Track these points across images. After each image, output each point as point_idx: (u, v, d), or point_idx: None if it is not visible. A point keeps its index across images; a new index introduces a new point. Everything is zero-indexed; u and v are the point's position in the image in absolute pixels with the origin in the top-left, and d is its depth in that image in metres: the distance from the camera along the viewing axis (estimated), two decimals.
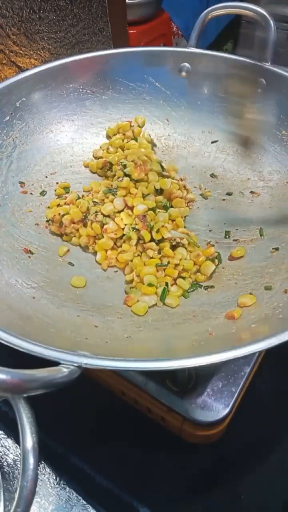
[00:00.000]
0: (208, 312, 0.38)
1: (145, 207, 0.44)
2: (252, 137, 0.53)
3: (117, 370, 0.37)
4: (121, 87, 0.57)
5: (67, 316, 0.37)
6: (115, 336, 0.35)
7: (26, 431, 0.20)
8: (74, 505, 0.39)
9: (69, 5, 0.59)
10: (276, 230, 0.45)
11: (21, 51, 0.64)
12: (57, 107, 0.54)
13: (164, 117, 0.58)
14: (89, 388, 0.44)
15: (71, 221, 0.45)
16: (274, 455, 0.43)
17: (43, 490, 0.40)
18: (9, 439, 0.43)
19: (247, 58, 0.52)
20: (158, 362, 0.25)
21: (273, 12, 0.52)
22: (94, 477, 0.41)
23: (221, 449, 0.43)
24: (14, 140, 0.49)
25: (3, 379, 0.20)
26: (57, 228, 0.46)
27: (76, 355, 0.25)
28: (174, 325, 0.37)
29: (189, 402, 0.38)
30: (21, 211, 0.47)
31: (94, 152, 0.55)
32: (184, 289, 0.40)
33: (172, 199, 0.46)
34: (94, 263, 0.45)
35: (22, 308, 0.36)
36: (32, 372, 0.21)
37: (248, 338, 0.33)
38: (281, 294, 0.37)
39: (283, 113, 0.50)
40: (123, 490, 0.40)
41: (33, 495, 0.20)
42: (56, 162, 0.53)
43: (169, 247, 0.42)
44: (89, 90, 0.55)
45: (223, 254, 0.44)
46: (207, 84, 0.56)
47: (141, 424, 0.43)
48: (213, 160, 0.55)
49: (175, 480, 0.41)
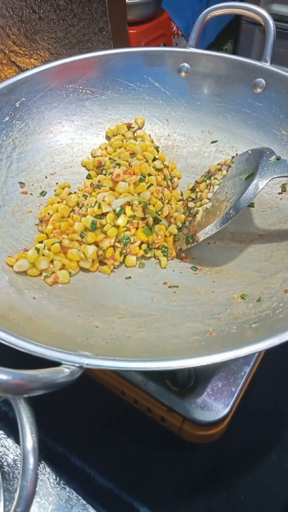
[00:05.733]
0: (209, 312, 0.38)
1: (121, 201, 0.44)
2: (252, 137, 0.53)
3: (118, 370, 0.38)
4: (121, 87, 0.57)
5: (68, 317, 0.37)
6: (115, 336, 0.35)
7: (26, 431, 0.20)
8: (74, 505, 0.39)
9: (69, 5, 0.59)
10: (276, 229, 0.46)
11: (21, 51, 0.64)
12: (56, 107, 0.54)
13: (163, 117, 0.58)
14: (89, 388, 0.44)
15: (56, 218, 0.44)
16: (274, 455, 0.43)
17: (43, 490, 0.40)
18: (9, 439, 0.43)
19: (247, 58, 0.53)
20: (158, 362, 0.25)
21: (273, 12, 0.52)
22: (94, 477, 0.41)
23: (221, 449, 0.43)
24: (13, 140, 0.49)
25: (5, 379, 0.20)
26: (45, 227, 0.45)
27: (77, 356, 0.25)
28: (174, 325, 0.37)
29: (189, 402, 0.39)
30: (21, 212, 0.47)
31: (93, 152, 0.55)
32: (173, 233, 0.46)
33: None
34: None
35: (23, 308, 0.36)
36: (34, 373, 0.21)
37: (249, 338, 0.33)
38: (281, 294, 0.37)
39: (283, 113, 0.50)
40: (123, 490, 0.40)
41: (33, 495, 0.20)
42: (56, 163, 0.53)
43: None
44: (88, 90, 0.55)
45: (223, 254, 0.44)
46: (206, 84, 0.56)
47: (141, 424, 0.43)
48: (213, 160, 0.55)
49: (175, 480, 0.41)
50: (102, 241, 0.43)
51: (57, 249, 0.42)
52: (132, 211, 0.44)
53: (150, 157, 0.49)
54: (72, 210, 0.46)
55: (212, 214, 0.44)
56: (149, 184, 0.46)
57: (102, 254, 0.43)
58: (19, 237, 0.44)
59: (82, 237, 0.43)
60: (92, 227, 0.42)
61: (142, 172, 0.46)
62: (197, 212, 0.46)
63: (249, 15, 0.53)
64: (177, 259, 0.45)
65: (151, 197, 0.46)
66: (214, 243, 0.46)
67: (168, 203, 0.48)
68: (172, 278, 0.43)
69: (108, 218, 0.43)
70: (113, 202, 0.43)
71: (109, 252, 0.43)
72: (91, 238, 0.42)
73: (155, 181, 0.47)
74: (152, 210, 0.45)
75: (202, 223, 0.44)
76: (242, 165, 0.46)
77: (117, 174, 0.45)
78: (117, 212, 0.43)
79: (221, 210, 0.42)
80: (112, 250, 0.43)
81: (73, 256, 0.42)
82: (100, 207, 0.43)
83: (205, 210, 0.46)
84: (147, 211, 0.45)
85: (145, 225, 0.45)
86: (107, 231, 0.43)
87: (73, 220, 0.44)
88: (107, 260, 0.43)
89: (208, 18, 0.55)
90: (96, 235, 0.43)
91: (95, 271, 0.43)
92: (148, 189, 0.45)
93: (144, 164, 0.47)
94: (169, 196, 0.49)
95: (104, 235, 0.43)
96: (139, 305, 0.40)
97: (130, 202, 0.44)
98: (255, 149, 0.46)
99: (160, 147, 0.57)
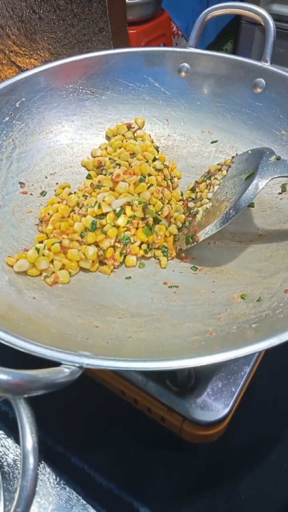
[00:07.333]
0: (209, 312, 0.38)
1: (121, 201, 0.44)
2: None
3: (118, 370, 0.38)
4: (121, 88, 0.57)
5: (68, 317, 0.37)
6: (115, 336, 0.35)
7: (26, 431, 0.20)
8: (74, 505, 0.39)
9: (69, 5, 0.59)
10: (276, 229, 0.46)
11: (21, 51, 0.64)
12: (56, 107, 0.54)
13: (163, 117, 0.58)
14: (89, 388, 0.44)
15: (56, 218, 0.44)
16: (273, 455, 0.43)
17: (43, 490, 0.40)
18: (9, 439, 0.43)
19: (246, 58, 0.53)
20: (158, 362, 0.25)
21: (273, 12, 0.52)
22: (94, 477, 0.41)
23: (221, 449, 0.43)
24: (13, 140, 0.49)
25: (5, 379, 0.20)
26: (45, 227, 0.45)
27: (77, 356, 0.25)
28: (174, 325, 0.37)
29: (189, 402, 0.39)
30: (21, 212, 0.47)
31: (93, 152, 0.55)
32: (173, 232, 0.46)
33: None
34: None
35: (23, 308, 0.36)
36: (34, 373, 0.21)
37: (249, 338, 0.33)
38: (281, 294, 0.37)
39: (283, 113, 0.50)
40: (123, 490, 0.40)
41: (33, 495, 0.20)
42: (56, 163, 0.53)
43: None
44: (88, 90, 0.55)
45: (223, 254, 0.44)
46: (206, 84, 0.56)
47: (141, 424, 0.43)
48: (213, 160, 0.55)
49: (175, 480, 0.41)
50: (102, 241, 0.43)
51: (57, 249, 0.42)
52: (132, 211, 0.44)
53: (150, 157, 0.49)
54: (72, 210, 0.46)
55: (212, 214, 0.44)
56: (149, 184, 0.46)
57: (102, 254, 0.43)
58: (19, 237, 0.44)
59: (82, 237, 0.43)
60: (92, 227, 0.42)
61: (142, 172, 0.46)
62: (197, 212, 0.46)
63: (249, 15, 0.53)
64: (177, 259, 0.45)
65: (151, 197, 0.46)
66: (214, 243, 0.46)
67: (168, 203, 0.48)
68: (172, 278, 0.43)
69: (108, 218, 0.43)
70: (113, 202, 0.43)
71: (109, 252, 0.43)
72: (91, 238, 0.42)
73: (155, 181, 0.47)
74: (152, 210, 0.45)
75: (202, 223, 0.44)
76: (242, 165, 0.46)
77: (117, 174, 0.45)
78: (117, 212, 0.43)
79: (221, 210, 0.42)
80: (112, 250, 0.43)
81: (73, 256, 0.42)
82: (100, 207, 0.43)
83: (205, 210, 0.46)
84: (147, 211, 0.45)
85: (145, 225, 0.45)
86: (107, 231, 0.43)
87: (73, 220, 0.44)
88: (107, 260, 0.43)
89: (208, 18, 0.55)
90: (96, 235, 0.43)
91: (95, 271, 0.43)
92: (148, 189, 0.45)
93: (144, 164, 0.47)
94: (169, 196, 0.49)
95: (104, 235, 0.43)
96: (139, 305, 0.40)
97: (130, 202, 0.44)
98: (255, 149, 0.46)
99: (160, 147, 0.57)
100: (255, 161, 0.43)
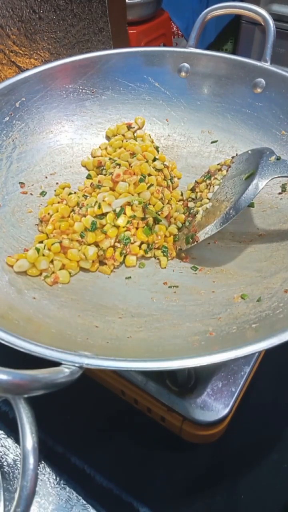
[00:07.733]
0: (209, 312, 0.38)
1: (121, 201, 0.44)
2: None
3: (118, 370, 0.38)
4: (121, 88, 0.57)
5: (68, 317, 0.37)
6: (115, 336, 0.35)
7: (26, 431, 0.20)
8: (74, 505, 0.39)
9: (69, 5, 0.59)
10: (276, 229, 0.46)
11: (21, 51, 0.64)
12: (56, 107, 0.54)
13: (163, 117, 0.58)
14: (89, 388, 0.44)
15: (56, 218, 0.44)
16: (274, 455, 0.43)
17: (43, 490, 0.40)
18: (9, 439, 0.43)
19: (246, 58, 0.53)
20: (158, 362, 0.25)
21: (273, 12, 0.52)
22: (94, 477, 0.41)
23: (221, 449, 0.43)
24: (13, 140, 0.49)
25: (5, 379, 0.20)
26: (45, 227, 0.45)
27: (78, 356, 0.25)
28: (174, 325, 0.37)
29: (189, 402, 0.39)
30: (21, 212, 0.47)
31: (93, 152, 0.55)
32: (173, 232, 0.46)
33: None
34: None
35: (23, 308, 0.36)
36: (34, 373, 0.21)
37: (249, 338, 0.33)
38: (281, 294, 0.37)
39: (283, 113, 0.50)
40: (123, 490, 0.40)
41: (33, 495, 0.20)
42: (56, 163, 0.53)
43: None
44: (88, 90, 0.55)
45: (223, 254, 0.44)
46: (206, 84, 0.56)
47: (141, 424, 0.43)
48: (213, 160, 0.55)
49: (175, 480, 0.41)
50: (102, 241, 0.43)
51: (57, 249, 0.42)
52: (132, 211, 0.44)
53: (150, 157, 0.49)
54: (72, 210, 0.46)
55: (212, 214, 0.44)
56: (149, 184, 0.46)
57: (102, 254, 0.43)
58: (19, 237, 0.44)
59: (82, 237, 0.43)
60: (92, 227, 0.42)
61: (142, 172, 0.46)
62: (197, 212, 0.46)
63: (249, 15, 0.53)
64: (177, 259, 0.45)
65: (151, 197, 0.46)
66: (214, 243, 0.46)
67: (168, 203, 0.48)
68: (172, 278, 0.43)
69: (108, 218, 0.43)
70: (113, 202, 0.43)
71: (109, 252, 0.43)
72: (91, 238, 0.42)
73: (155, 181, 0.47)
74: (152, 210, 0.45)
75: (202, 223, 0.44)
76: (242, 165, 0.46)
77: (117, 174, 0.45)
78: (117, 212, 0.43)
79: (221, 210, 0.42)
80: (112, 250, 0.43)
81: (73, 256, 0.42)
82: (100, 207, 0.43)
83: (205, 210, 0.46)
84: (147, 211, 0.45)
85: (145, 225, 0.45)
86: (107, 231, 0.42)
87: (73, 220, 0.44)
88: (107, 260, 0.43)
89: (208, 18, 0.55)
90: (96, 235, 0.43)
91: (95, 271, 0.43)
92: (148, 189, 0.45)
93: (144, 164, 0.47)
94: (169, 196, 0.49)
95: (104, 235, 0.43)
96: (139, 305, 0.40)
97: (130, 202, 0.44)
98: (255, 149, 0.46)
99: (160, 147, 0.57)
100: (255, 161, 0.43)
